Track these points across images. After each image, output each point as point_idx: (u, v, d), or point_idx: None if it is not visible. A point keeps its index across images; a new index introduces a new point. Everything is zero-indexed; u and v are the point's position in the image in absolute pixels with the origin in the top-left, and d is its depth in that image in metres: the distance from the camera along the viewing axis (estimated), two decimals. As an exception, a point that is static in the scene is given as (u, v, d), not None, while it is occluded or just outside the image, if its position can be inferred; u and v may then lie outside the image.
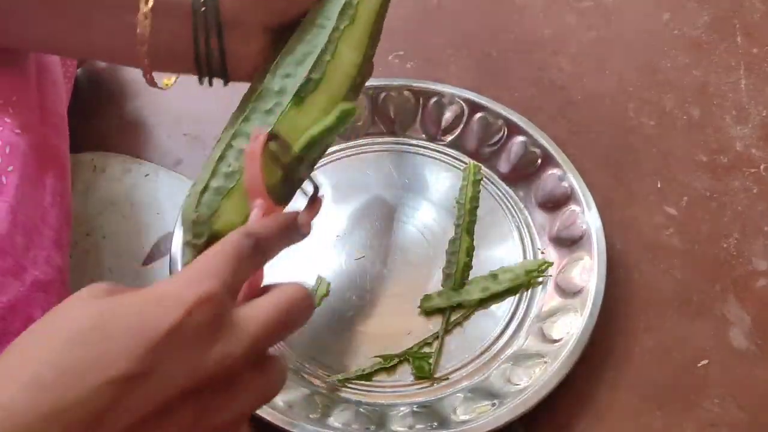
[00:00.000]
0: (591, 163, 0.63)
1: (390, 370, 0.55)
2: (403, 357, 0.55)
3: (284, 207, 0.45)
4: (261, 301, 0.33)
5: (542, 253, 0.61)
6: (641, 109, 0.74)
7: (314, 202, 0.43)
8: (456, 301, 0.58)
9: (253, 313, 0.32)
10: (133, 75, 0.78)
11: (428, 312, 0.58)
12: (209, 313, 0.30)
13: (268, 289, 0.35)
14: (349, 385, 0.54)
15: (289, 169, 0.44)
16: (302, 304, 0.33)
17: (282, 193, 0.45)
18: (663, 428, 0.54)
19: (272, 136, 0.42)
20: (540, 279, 0.59)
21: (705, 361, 0.57)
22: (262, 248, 0.35)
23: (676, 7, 0.83)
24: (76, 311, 0.30)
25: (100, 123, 0.74)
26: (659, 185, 0.68)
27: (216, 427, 0.31)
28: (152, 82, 0.49)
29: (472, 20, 0.83)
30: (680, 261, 0.62)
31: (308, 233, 0.40)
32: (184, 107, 0.74)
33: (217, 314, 0.30)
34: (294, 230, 0.38)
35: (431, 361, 0.55)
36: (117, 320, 0.29)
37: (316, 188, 0.43)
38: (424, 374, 0.54)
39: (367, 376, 0.54)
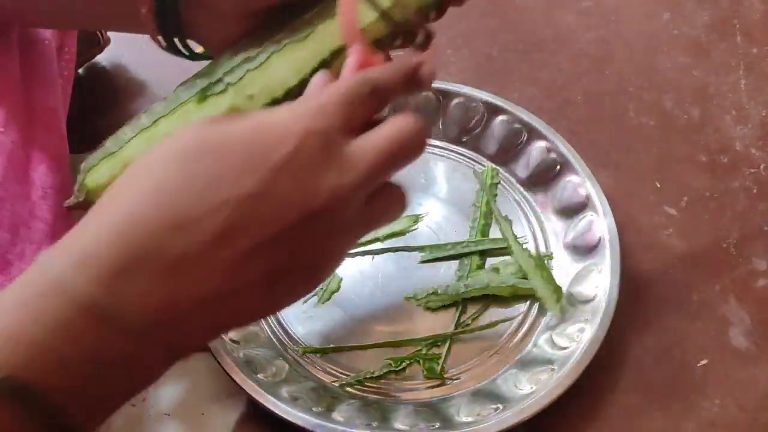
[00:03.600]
0: (591, 163, 0.63)
1: (399, 371, 0.55)
2: (413, 359, 0.55)
3: (384, 57, 0.39)
4: (373, 134, 0.32)
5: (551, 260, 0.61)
6: (641, 109, 0.74)
7: (426, 45, 0.38)
8: (455, 294, 0.58)
9: (366, 146, 0.31)
10: (133, 75, 0.78)
11: (434, 309, 0.58)
12: (321, 144, 0.30)
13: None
14: (357, 385, 0.55)
15: (391, 18, 0.39)
16: (416, 136, 0.33)
17: (383, 43, 0.40)
18: (663, 428, 0.54)
19: None
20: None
21: (705, 361, 0.57)
22: (380, 95, 0.34)
23: (676, 7, 0.83)
24: (192, 133, 0.30)
25: (100, 123, 0.74)
26: (659, 185, 0.68)
27: (324, 253, 0.32)
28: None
29: (472, 20, 0.83)
30: (680, 261, 0.62)
31: (432, 79, 0.36)
32: (184, 107, 0.74)
33: (328, 146, 0.30)
34: (416, 80, 0.35)
35: (441, 361, 0.55)
36: (234, 143, 0.29)
37: (429, 33, 0.39)
38: (435, 375, 0.54)
39: (376, 378, 0.55)
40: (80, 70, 0.76)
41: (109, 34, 0.77)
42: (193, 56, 0.48)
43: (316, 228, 0.30)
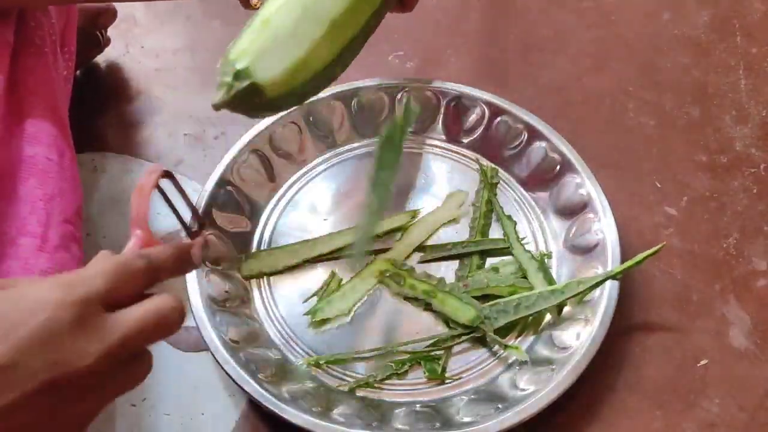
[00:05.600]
0: (591, 163, 0.63)
1: (401, 374, 0.55)
2: (414, 360, 0.55)
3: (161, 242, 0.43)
4: (133, 308, 0.34)
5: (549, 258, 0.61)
6: (641, 109, 0.74)
7: (199, 235, 0.44)
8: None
9: (122, 319, 0.34)
10: (133, 75, 0.78)
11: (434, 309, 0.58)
12: (74, 314, 0.32)
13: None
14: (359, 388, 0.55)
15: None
16: (171, 316, 0.35)
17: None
18: (663, 428, 0.54)
19: (166, 174, 0.42)
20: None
21: (705, 361, 0.57)
22: (153, 270, 0.37)
23: (676, 7, 0.83)
24: None
25: (100, 123, 0.74)
26: (659, 185, 0.68)
27: (73, 415, 0.33)
28: (247, 5, 0.56)
29: (472, 20, 0.83)
30: (680, 261, 0.62)
31: (199, 265, 0.41)
32: (184, 107, 0.74)
33: (82, 315, 0.32)
34: (187, 260, 0.40)
35: (441, 362, 0.55)
36: None
37: (203, 223, 0.46)
38: (436, 376, 0.54)
39: (379, 382, 0.54)
40: (80, 71, 0.76)
41: (109, 34, 0.77)
42: None
43: (62, 393, 0.32)
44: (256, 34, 0.46)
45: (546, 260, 0.60)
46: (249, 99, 0.46)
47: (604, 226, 0.59)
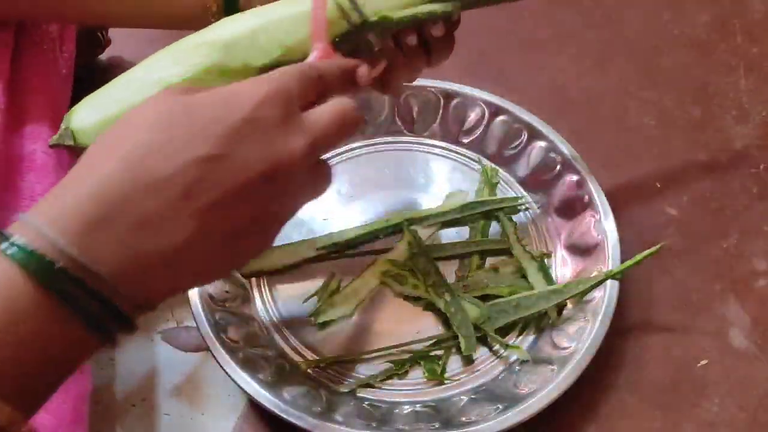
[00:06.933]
0: (591, 163, 0.63)
1: (401, 374, 0.55)
2: (414, 360, 0.55)
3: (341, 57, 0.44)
4: (321, 107, 0.36)
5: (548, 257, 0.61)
6: (642, 109, 0.74)
7: (377, 61, 0.44)
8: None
9: (316, 117, 0.35)
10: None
11: (434, 308, 0.58)
12: (279, 107, 0.34)
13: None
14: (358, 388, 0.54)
15: (356, 28, 0.44)
16: (355, 115, 0.37)
17: (344, 46, 0.45)
18: (663, 428, 0.54)
19: None
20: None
21: (705, 361, 0.57)
22: (323, 82, 0.38)
23: (676, 7, 0.83)
24: (160, 104, 0.33)
25: (100, 123, 0.74)
26: (659, 185, 0.68)
27: (276, 214, 0.35)
28: None
29: (471, 20, 0.83)
30: (680, 261, 0.62)
31: (364, 85, 0.42)
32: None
33: (285, 110, 0.34)
34: (351, 78, 0.41)
35: (441, 363, 0.55)
36: (197, 109, 0.33)
37: (380, 51, 0.45)
38: (436, 377, 0.54)
39: (379, 382, 0.54)
40: (81, 71, 0.75)
41: (110, 34, 0.77)
42: None
43: (274, 186, 0.33)
44: (101, 88, 0.47)
45: (546, 260, 0.60)
46: (67, 144, 0.47)
47: (604, 226, 0.59)
